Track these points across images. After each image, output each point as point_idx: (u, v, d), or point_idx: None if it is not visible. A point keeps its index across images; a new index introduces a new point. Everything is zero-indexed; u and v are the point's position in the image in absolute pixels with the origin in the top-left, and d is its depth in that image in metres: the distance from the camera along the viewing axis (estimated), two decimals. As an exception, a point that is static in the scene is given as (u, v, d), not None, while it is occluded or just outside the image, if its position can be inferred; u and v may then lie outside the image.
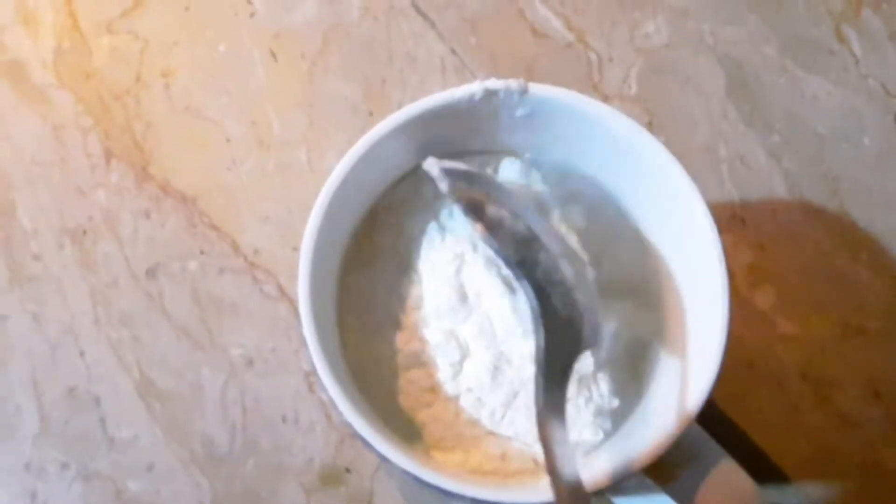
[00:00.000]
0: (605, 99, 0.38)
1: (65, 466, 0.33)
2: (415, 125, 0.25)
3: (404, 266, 0.28)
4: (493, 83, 0.25)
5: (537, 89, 0.26)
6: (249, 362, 0.34)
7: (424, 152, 0.26)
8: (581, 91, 0.37)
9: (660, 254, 0.27)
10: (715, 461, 0.24)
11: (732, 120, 0.37)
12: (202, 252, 0.35)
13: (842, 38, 0.38)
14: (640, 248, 0.28)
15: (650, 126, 0.37)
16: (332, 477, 0.33)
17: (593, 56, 0.38)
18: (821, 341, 0.35)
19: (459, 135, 0.27)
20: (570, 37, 0.38)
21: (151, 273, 0.35)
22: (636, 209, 0.28)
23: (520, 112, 0.26)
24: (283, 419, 0.33)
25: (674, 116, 0.37)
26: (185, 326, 0.34)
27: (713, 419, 0.34)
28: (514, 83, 0.25)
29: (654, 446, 0.23)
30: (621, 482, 0.23)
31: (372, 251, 0.28)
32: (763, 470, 0.34)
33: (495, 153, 0.29)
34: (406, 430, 0.26)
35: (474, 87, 0.25)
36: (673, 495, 0.24)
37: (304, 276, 0.24)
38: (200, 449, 0.33)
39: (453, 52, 0.38)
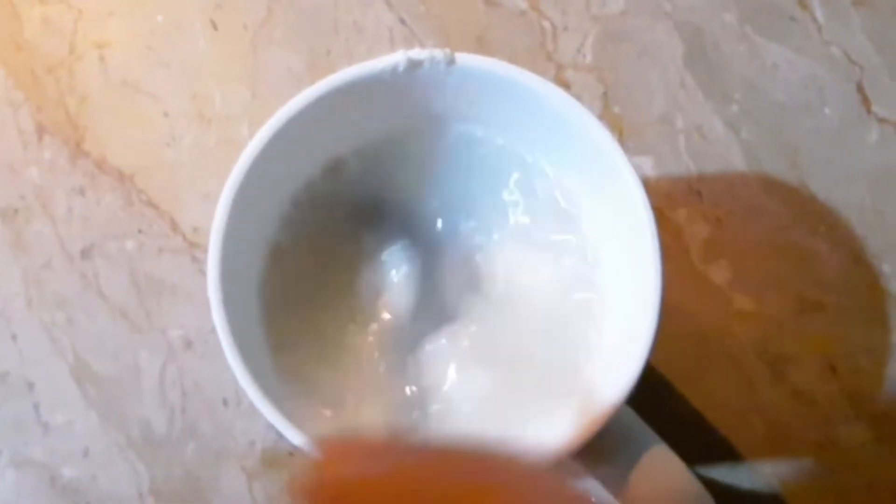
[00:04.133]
0: (560, 69, 0.36)
1: (-3, 453, 0.32)
2: (334, 99, 0.24)
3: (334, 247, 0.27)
4: (417, 53, 0.24)
5: (465, 59, 0.24)
6: (189, 344, 0.33)
7: (351, 127, 0.24)
8: (535, 61, 0.37)
9: (595, 235, 0.26)
10: (647, 446, 0.23)
11: (690, 89, 0.36)
12: (140, 231, 0.34)
13: (804, 5, 0.37)
14: (574, 230, 0.27)
15: (605, 96, 0.36)
16: (275, 460, 0.32)
17: (547, 24, 0.37)
18: (777, 317, 0.34)
19: (387, 107, 0.26)
20: (523, 5, 0.37)
21: (87, 253, 0.33)
22: (571, 184, 0.27)
23: (448, 84, 0.25)
24: (225, 402, 0.33)
25: (630, 86, 0.36)
26: (122, 308, 0.33)
27: (665, 397, 0.33)
28: (439, 53, 0.24)
29: (581, 432, 0.22)
30: (549, 469, 0.22)
31: (300, 237, 0.27)
32: (717, 449, 0.33)
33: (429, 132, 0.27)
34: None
35: (397, 58, 0.24)
36: (603, 481, 0.23)
37: (213, 278, 0.23)
38: (138, 434, 0.32)
39: (402, 21, 0.37)
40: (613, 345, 0.25)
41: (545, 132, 0.25)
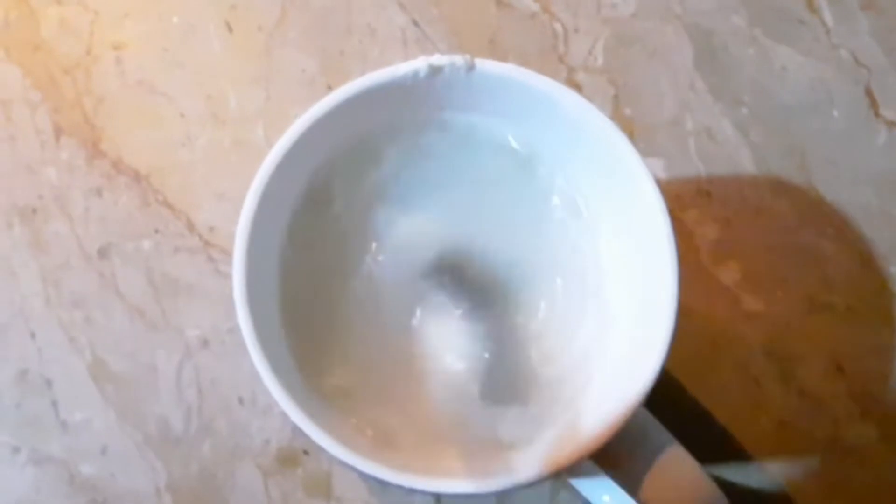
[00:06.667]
0: (571, 71, 0.37)
1: (16, 451, 0.32)
2: (355, 103, 0.24)
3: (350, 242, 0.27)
4: (438, 59, 0.24)
5: (484, 65, 0.25)
6: (205, 343, 0.33)
7: (369, 128, 0.25)
8: (546, 63, 0.37)
9: (609, 234, 0.27)
10: (662, 447, 0.24)
11: (700, 92, 0.37)
12: (156, 231, 0.34)
13: (813, 8, 0.37)
14: (588, 230, 0.27)
15: (615, 98, 0.36)
16: (289, 459, 0.33)
17: (558, 27, 0.37)
18: (785, 317, 0.35)
19: (405, 110, 0.26)
20: (535, 7, 0.37)
21: (104, 252, 0.34)
22: (588, 191, 0.27)
23: (467, 89, 0.25)
24: (240, 401, 0.33)
25: (640, 89, 0.37)
26: (138, 307, 0.33)
27: (674, 397, 0.34)
28: (459, 59, 0.24)
29: (599, 434, 0.23)
30: (567, 471, 0.22)
31: (317, 230, 0.27)
32: (725, 448, 0.33)
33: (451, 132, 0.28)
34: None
35: (418, 64, 0.24)
36: (619, 481, 0.23)
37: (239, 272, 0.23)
38: (155, 431, 0.32)
39: (415, 23, 0.37)
40: (629, 349, 0.25)
41: (561, 135, 0.26)
